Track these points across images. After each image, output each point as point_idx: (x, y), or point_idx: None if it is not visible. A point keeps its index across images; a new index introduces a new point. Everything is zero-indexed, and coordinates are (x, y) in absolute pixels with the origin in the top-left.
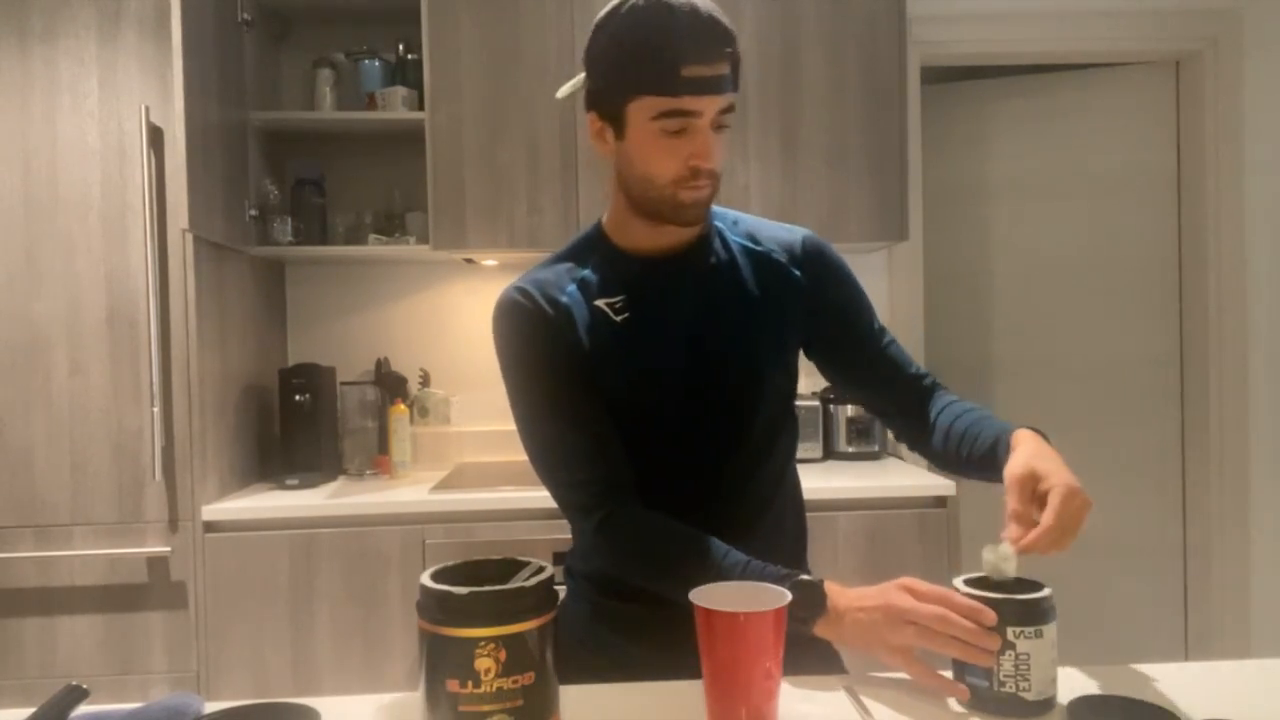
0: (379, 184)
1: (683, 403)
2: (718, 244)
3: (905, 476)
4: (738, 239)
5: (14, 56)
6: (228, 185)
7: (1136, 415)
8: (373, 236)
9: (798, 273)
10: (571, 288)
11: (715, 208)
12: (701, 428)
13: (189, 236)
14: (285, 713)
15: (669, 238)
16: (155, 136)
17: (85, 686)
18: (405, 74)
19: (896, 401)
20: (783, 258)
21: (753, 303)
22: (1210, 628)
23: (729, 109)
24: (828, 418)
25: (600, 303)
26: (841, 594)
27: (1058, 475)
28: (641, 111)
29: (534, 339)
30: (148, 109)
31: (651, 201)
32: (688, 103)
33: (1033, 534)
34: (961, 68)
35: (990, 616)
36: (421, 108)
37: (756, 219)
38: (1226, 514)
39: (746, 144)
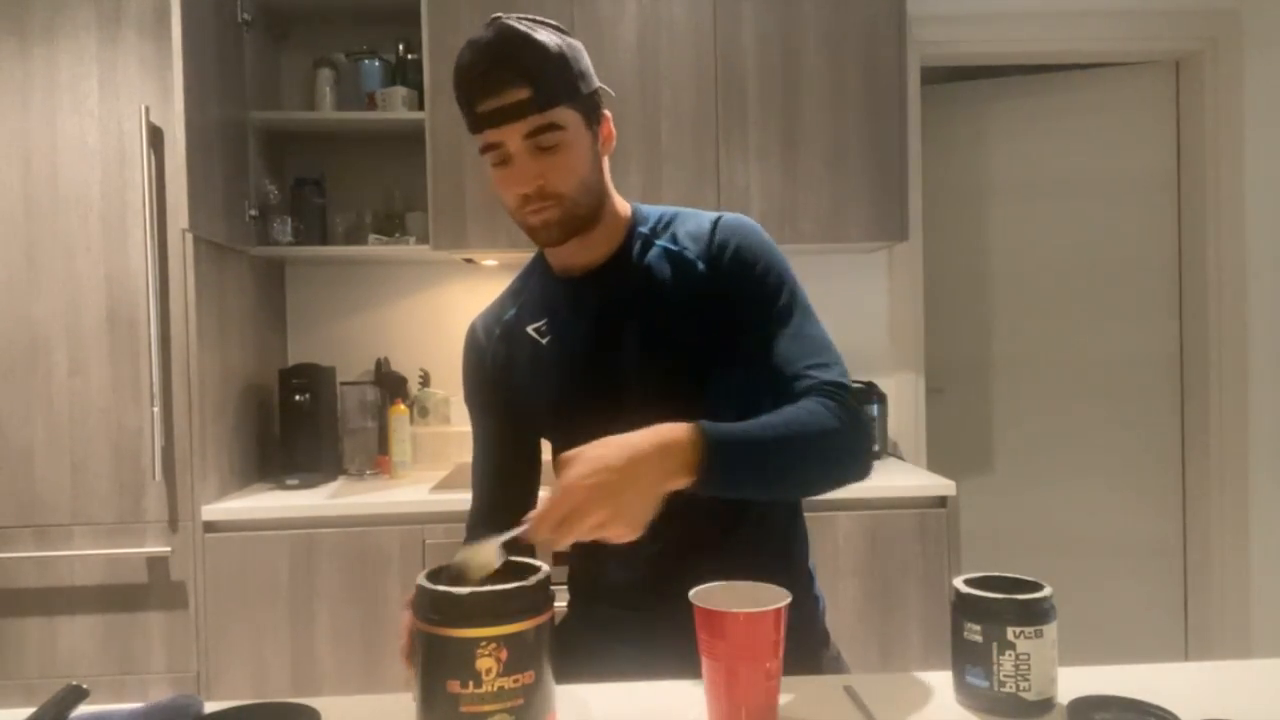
0: (379, 184)
1: (610, 424)
2: (635, 252)
3: (905, 476)
4: (661, 243)
5: (14, 56)
6: (228, 185)
7: (1136, 415)
8: (373, 236)
9: (701, 266)
10: (511, 314)
11: (647, 209)
12: None
13: (189, 236)
14: (285, 713)
15: (580, 256)
16: (155, 136)
17: (85, 686)
18: (405, 74)
19: (773, 383)
20: (693, 253)
21: (671, 312)
22: (1210, 628)
23: (541, 130)
24: None
25: (530, 329)
26: None
27: (573, 468)
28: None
29: (467, 369)
30: (148, 109)
31: (519, 227)
32: (490, 136)
33: (520, 528)
34: (961, 68)
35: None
36: (421, 108)
37: (687, 213)
38: (1226, 514)
39: (747, 144)
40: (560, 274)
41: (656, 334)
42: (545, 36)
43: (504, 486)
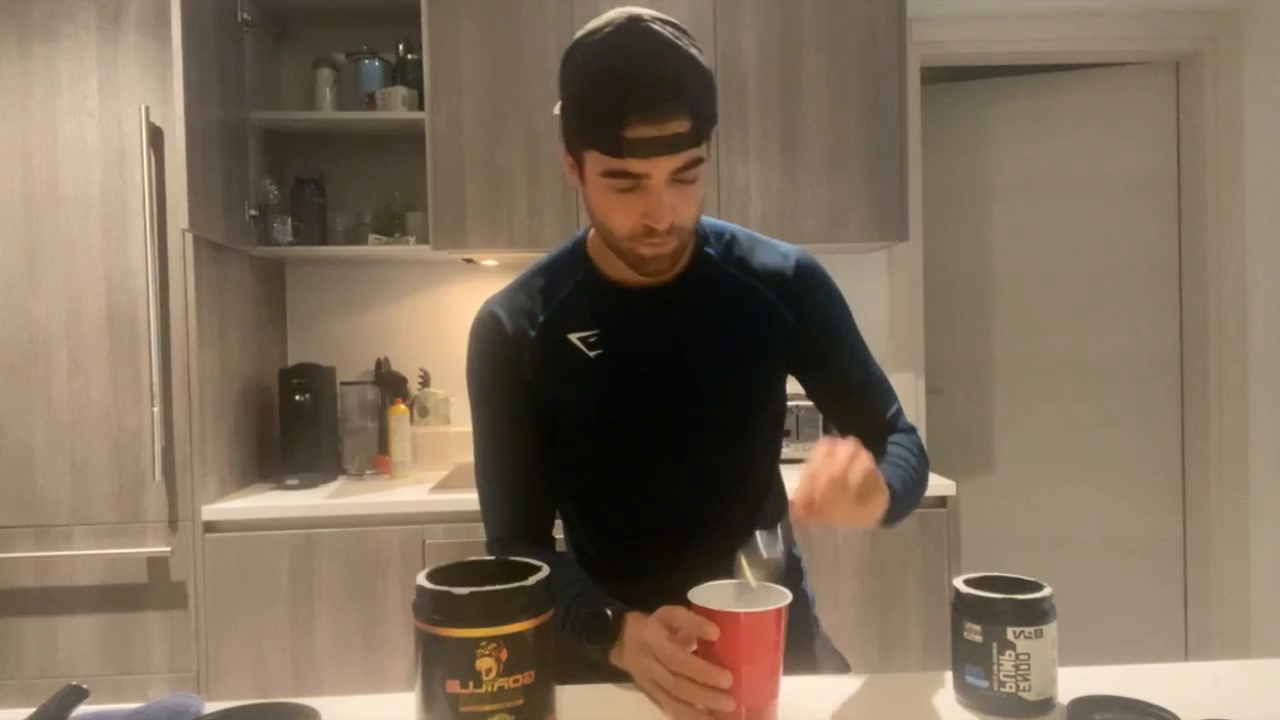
0: (379, 184)
1: (649, 442)
2: (704, 275)
3: None
4: (729, 268)
5: (14, 56)
6: (228, 185)
7: (1136, 415)
8: (373, 236)
9: (787, 311)
10: (544, 316)
11: (712, 223)
12: (669, 469)
13: (189, 236)
14: (285, 713)
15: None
16: (155, 136)
17: (85, 686)
18: (405, 74)
19: (859, 437)
20: (772, 294)
21: (734, 344)
22: (1210, 628)
23: (690, 165)
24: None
25: (574, 337)
26: (633, 623)
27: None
28: (593, 165)
29: (492, 363)
30: (148, 109)
31: (614, 249)
32: (633, 165)
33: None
34: (961, 68)
35: (710, 631)
36: (421, 108)
37: (751, 237)
38: (1226, 514)
39: (747, 144)
40: (614, 282)
41: (726, 365)
42: (697, 54)
43: (533, 485)
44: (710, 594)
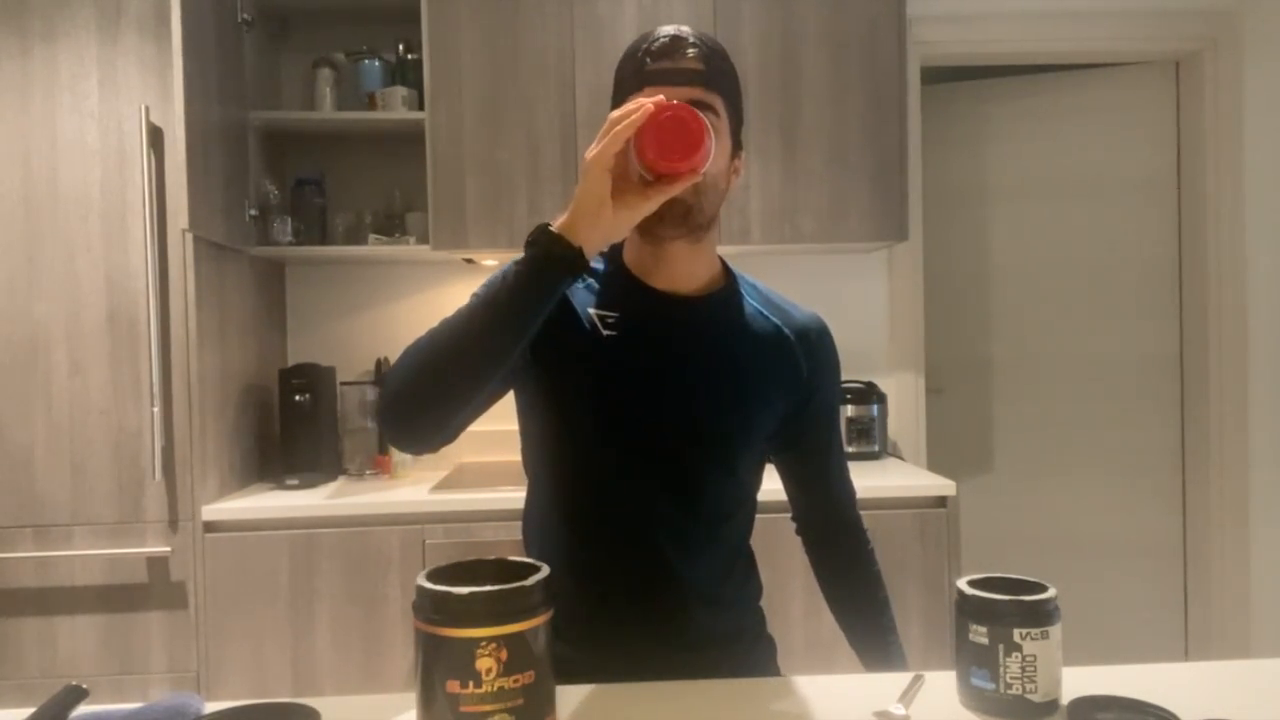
0: (379, 184)
1: (633, 433)
2: (733, 303)
3: (905, 476)
4: (756, 303)
5: (14, 56)
6: (228, 185)
7: (1136, 415)
8: (373, 236)
9: (803, 359)
10: (581, 286)
11: (741, 272)
12: (642, 469)
13: (189, 236)
14: (285, 713)
15: (683, 278)
16: (155, 136)
17: (85, 686)
18: (405, 74)
19: (812, 507)
20: (794, 338)
21: (747, 373)
22: (1210, 628)
23: (700, 105)
24: None
25: (594, 311)
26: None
27: None
28: None
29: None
30: (148, 109)
31: None
32: (650, 93)
33: None
34: (961, 68)
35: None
36: (421, 108)
37: (774, 292)
38: (1226, 514)
39: (747, 144)
40: (645, 285)
41: (732, 389)
42: (726, 52)
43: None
44: None
